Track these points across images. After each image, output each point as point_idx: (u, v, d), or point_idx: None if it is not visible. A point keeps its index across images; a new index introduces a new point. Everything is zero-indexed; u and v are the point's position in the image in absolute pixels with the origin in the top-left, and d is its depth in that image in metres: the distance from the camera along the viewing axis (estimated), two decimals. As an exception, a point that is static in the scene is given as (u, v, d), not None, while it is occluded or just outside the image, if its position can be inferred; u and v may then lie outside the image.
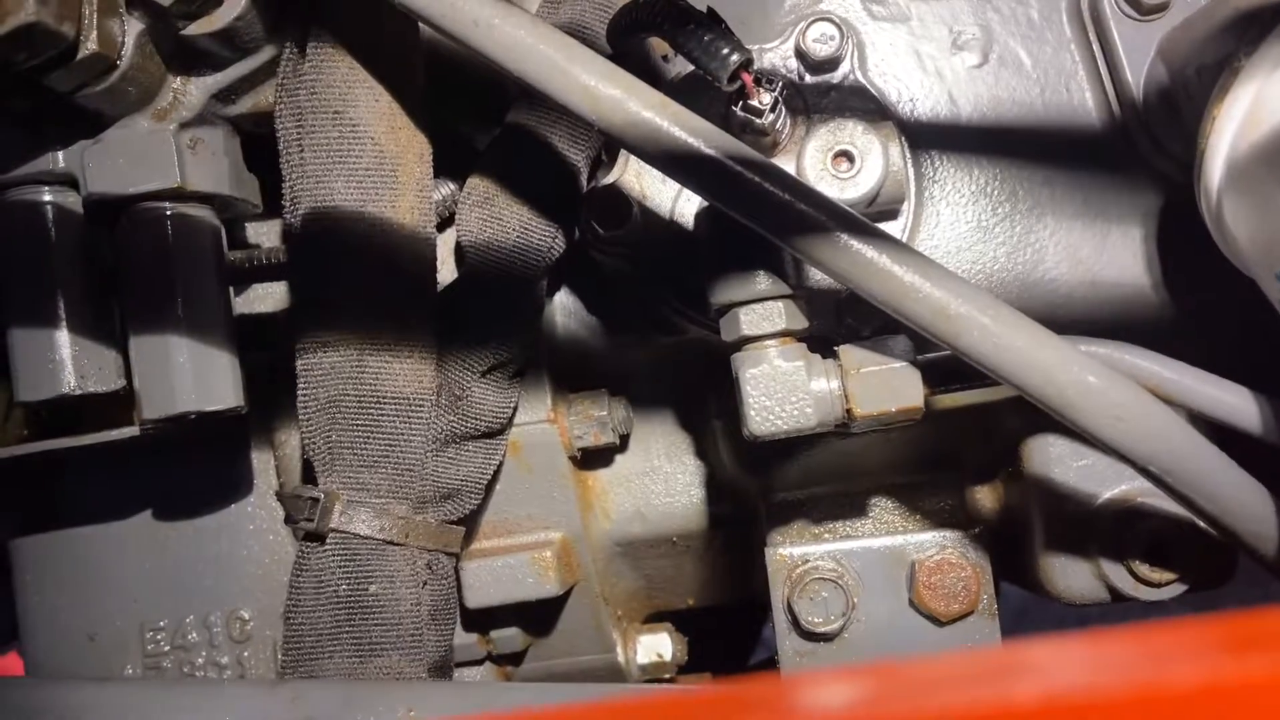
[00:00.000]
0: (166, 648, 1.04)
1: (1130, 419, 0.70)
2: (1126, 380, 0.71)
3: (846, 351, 0.80)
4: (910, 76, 0.94)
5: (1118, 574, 0.89)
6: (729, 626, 1.49)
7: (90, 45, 0.79)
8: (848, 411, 0.79)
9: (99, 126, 0.87)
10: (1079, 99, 0.92)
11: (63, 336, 0.87)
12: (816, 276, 0.88)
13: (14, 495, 1.05)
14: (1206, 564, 0.87)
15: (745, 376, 0.79)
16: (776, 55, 0.91)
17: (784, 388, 0.79)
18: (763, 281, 0.79)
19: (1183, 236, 0.87)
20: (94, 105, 0.85)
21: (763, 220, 0.73)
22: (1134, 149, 0.90)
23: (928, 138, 0.94)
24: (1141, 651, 0.37)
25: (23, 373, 0.88)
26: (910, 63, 0.94)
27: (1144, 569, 0.88)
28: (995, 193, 0.93)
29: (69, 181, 0.88)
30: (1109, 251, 0.92)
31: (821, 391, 0.79)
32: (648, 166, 0.90)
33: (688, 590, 1.14)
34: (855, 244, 0.71)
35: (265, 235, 1.07)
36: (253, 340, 1.01)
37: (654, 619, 1.18)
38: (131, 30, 0.83)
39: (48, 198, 0.88)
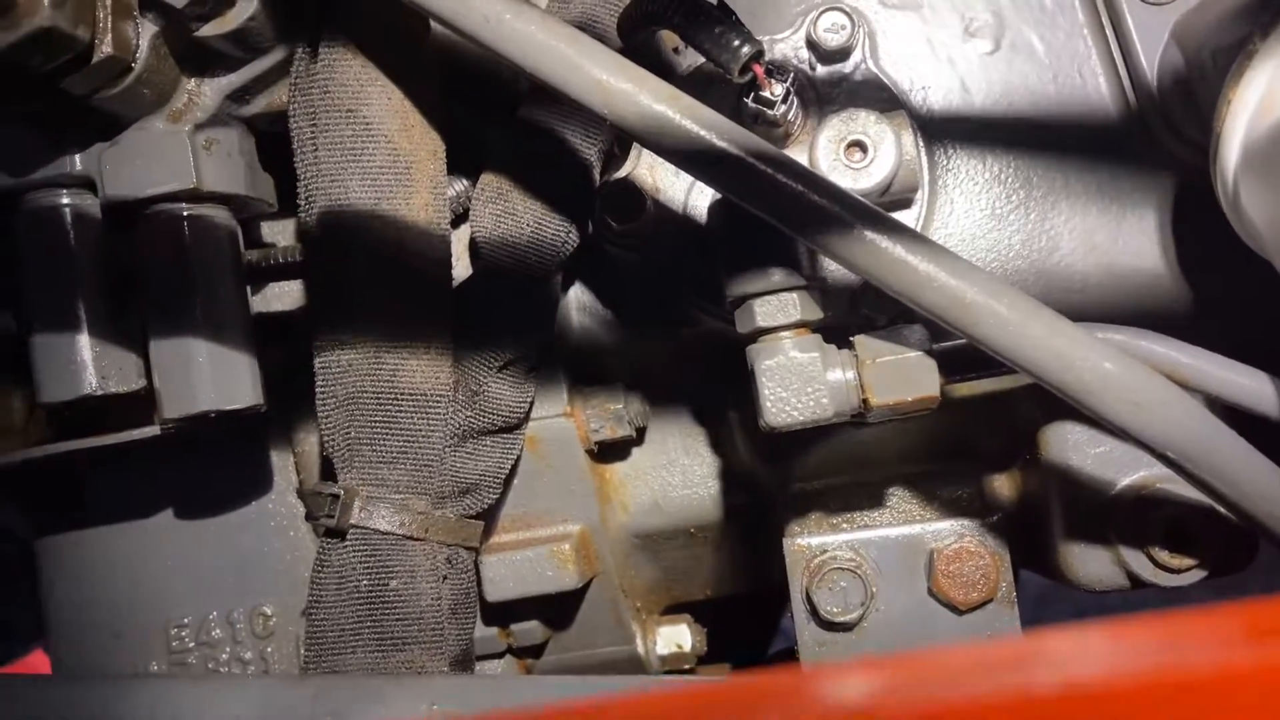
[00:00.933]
0: (191, 644, 1.05)
1: (1147, 405, 0.70)
2: (1143, 366, 0.71)
3: (862, 342, 0.80)
4: (922, 65, 0.94)
5: (1137, 560, 0.89)
6: (748, 616, 1.49)
7: (105, 48, 0.80)
8: (864, 401, 0.79)
9: (115, 128, 0.88)
10: (1093, 84, 0.92)
11: (83, 338, 0.88)
12: (831, 267, 0.88)
13: (38, 495, 1.06)
14: (1226, 549, 0.87)
15: (761, 368, 0.80)
16: (788, 45, 0.91)
17: (799, 379, 0.79)
18: (777, 273, 0.79)
19: (1199, 220, 0.86)
20: (110, 108, 0.85)
21: (776, 212, 0.73)
22: (1149, 133, 0.90)
23: (941, 126, 0.93)
24: (1159, 639, 0.37)
25: (45, 374, 0.89)
26: (922, 51, 0.94)
27: (1163, 555, 0.88)
28: (1009, 180, 0.93)
29: (87, 184, 0.88)
30: (1125, 237, 0.92)
31: (837, 382, 0.79)
32: (660, 160, 0.90)
33: (706, 581, 1.15)
34: (869, 234, 0.71)
35: (280, 233, 1.08)
36: (270, 338, 1.02)
37: (673, 610, 1.19)
38: (146, 33, 0.83)
39: (66, 200, 0.88)
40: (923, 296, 0.71)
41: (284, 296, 1.07)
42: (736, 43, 0.76)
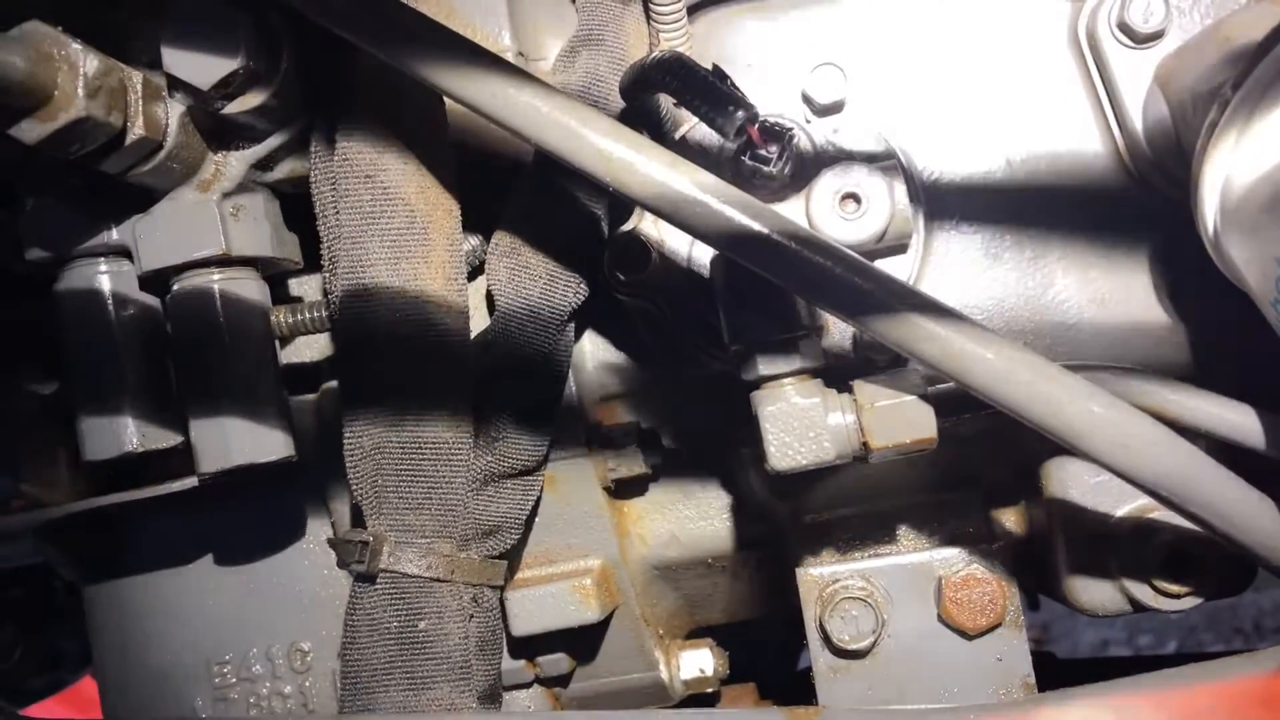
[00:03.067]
0: (233, 680, 1.10)
1: (1136, 446, 0.73)
2: (1130, 408, 0.74)
3: (861, 386, 0.84)
4: (914, 115, 0.96)
5: (1138, 588, 0.91)
6: (774, 634, 1.52)
7: (137, 130, 0.85)
8: (864, 444, 0.83)
9: (148, 200, 0.93)
10: (1081, 126, 0.94)
11: (124, 399, 0.93)
12: (829, 315, 0.91)
13: (84, 544, 1.11)
14: (1223, 575, 0.90)
15: (764, 414, 0.83)
16: (783, 100, 0.94)
17: (802, 424, 0.82)
18: (777, 323, 0.83)
19: (1189, 257, 0.88)
20: (143, 182, 0.90)
21: (772, 270, 0.76)
22: (1136, 173, 0.92)
23: (934, 171, 0.96)
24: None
25: (88, 434, 0.94)
26: (914, 101, 0.97)
27: (1163, 582, 0.90)
28: (1003, 220, 0.96)
29: (123, 253, 0.94)
30: (1116, 273, 0.94)
31: (838, 426, 0.83)
32: (664, 213, 0.93)
33: (726, 606, 1.18)
34: (861, 289, 0.74)
35: (307, 285, 1.12)
36: (301, 386, 1.07)
37: (695, 634, 1.22)
38: (174, 112, 0.88)
39: (104, 269, 0.94)
40: (915, 347, 0.74)
41: (312, 345, 1.12)
42: (731, 108, 0.79)
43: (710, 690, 1.21)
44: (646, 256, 0.94)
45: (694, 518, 1.10)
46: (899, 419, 0.82)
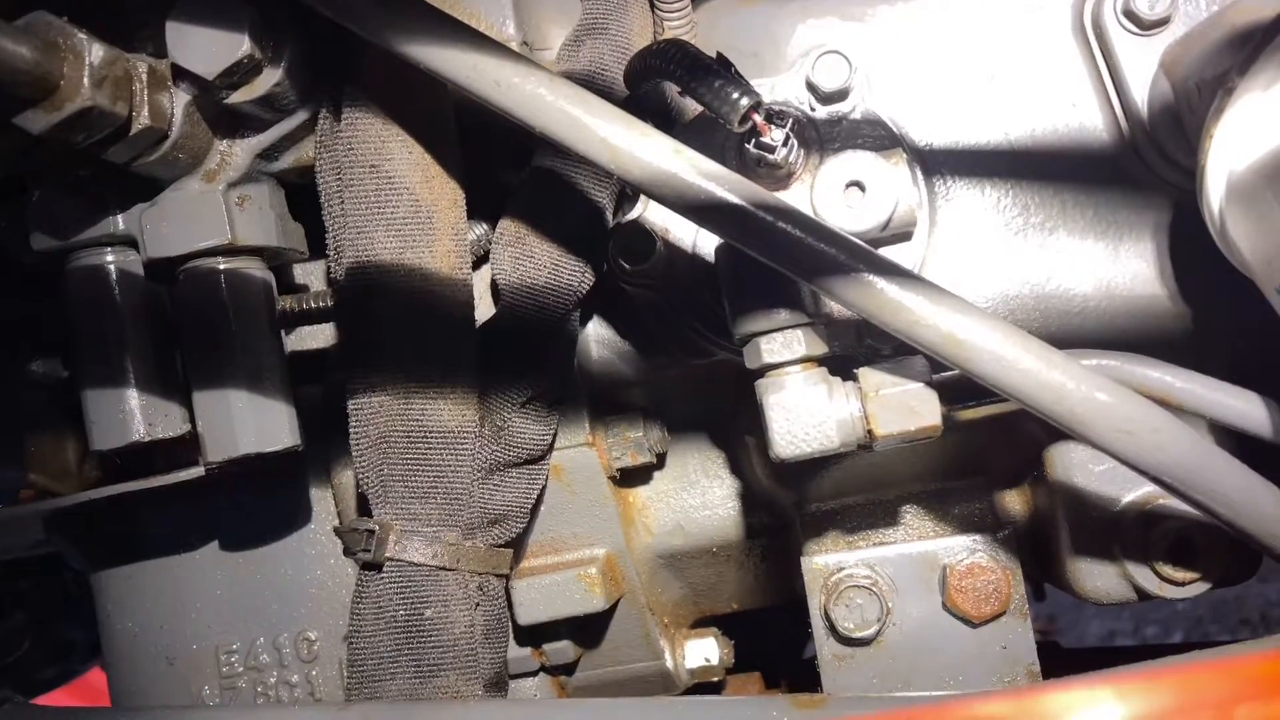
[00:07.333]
0: (240, 669, 1.10)
1: (1139, 432, 0.73)
2: (1134, 394, 0.74)
3: (866, 374, 0.84)
4: (919, 102, 0.96)
5: (1143, 575, 0.91)
6: (780, 623, 1.52)
7: (143, 120, 0.85)
8: (868, 432, 0.83)
9: (154, 189, 0.93)
10: (1086, 113, 0.94)
11: (131, 388, 0.93)
12: (834, 303, 0.91)
13: (93, 532, 1.11)
14: (1229, 562, 0.89)
15: (769, 403, 0.83)
16: (788, 87, 0.94)
17: (806, 412, 0.82)
18: (781, 311, 0.83)
19: (1194, 243, 0.88)
20: (149, 172, 0.91)
21: (776, 257, 0.76)
22: (1141, 161, 0.92)
23: (939, 160, 0.96)
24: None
25: (96, 423, 0.94)
26: (919, 89, 0.97)
27: (1168, 569, 0.90)
28: (1008, 208, 0.96)
29: (129, 243, 0.94)
30: (1121, 261, 0.94)
31: (842, 414, 0.83)
32: (668, 202, 0.93)
33: (731, 596, 1.19)
34: (865, 276, 0.74)
35: (312, 274, 1.12)
36: (306, 375, 1.07)
37: (701, 623, 1.22)
38: (179, 102, 0.88)
39: (110, 259, 0.94)
40: (918, 334, 0.74)
41: (318, 334, 1.12)
42: (735, 95, 0.79)
43: (716, 679, 1.21)
44: (651, 245, 0.94)
45: (699, 506, 1.10)
46: (903, 407, 0.82)
